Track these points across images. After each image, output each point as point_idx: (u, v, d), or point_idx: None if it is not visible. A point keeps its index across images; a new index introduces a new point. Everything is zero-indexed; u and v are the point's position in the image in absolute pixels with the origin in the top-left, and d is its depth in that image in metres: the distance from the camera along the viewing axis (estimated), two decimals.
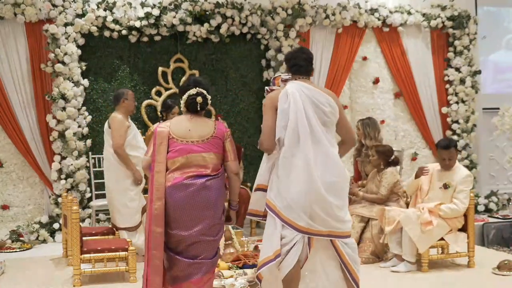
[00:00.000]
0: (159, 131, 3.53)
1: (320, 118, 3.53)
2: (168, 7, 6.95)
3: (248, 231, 6.75)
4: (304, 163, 3.46)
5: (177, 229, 3.41)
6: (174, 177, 3.44)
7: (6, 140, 6.72)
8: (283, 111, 3.51)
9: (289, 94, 3.52)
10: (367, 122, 6.15)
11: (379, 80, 7.89)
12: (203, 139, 3.51)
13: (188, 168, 3.45)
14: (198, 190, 3.41)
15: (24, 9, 6.50)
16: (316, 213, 3.47)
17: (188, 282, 3.43)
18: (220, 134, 3.55)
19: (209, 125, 3.57)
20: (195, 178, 3.43)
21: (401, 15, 7.85)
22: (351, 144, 3.83)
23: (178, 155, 3.47)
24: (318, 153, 3.49)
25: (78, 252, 4.75)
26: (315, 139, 3.49)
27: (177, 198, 3.40)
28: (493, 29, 8.64)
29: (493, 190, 8.25)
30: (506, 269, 4.95)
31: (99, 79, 6.99)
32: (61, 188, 6.57)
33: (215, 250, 3.53)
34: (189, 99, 3.57)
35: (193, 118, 3.57)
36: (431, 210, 5.01)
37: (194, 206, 3.40)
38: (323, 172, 3.49)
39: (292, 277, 3.49)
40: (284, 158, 3.51)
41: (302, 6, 7.29)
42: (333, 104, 3.57)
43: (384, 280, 4.82)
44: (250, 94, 7.46)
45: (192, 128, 3.53)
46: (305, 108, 3.49)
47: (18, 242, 6.41)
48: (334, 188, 3.51)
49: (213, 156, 3.50)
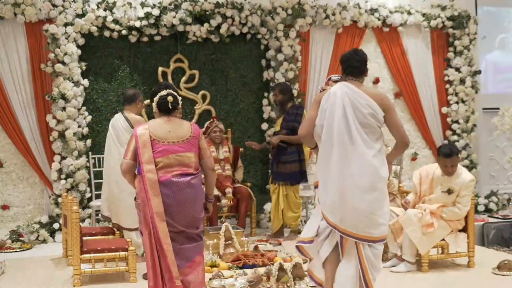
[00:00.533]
0: (140, 134, 3.69)
1: (359, 119, 3.60)
2: (168, 7, 6.95)
3: (248, 231, 6.75)
4: (338, 163, 3.58)
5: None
6: (160, 175, 3.63)
7: (6, 140, 6.72)
8: (322, 110, 3.69)
9: (331, 94, 3.67)
10: None
11: (379, 80, 7.90)
12: (183, 140, 3.73)
13: (172, 167, 3.66)
14: (184, 187, 3.64)
15: (24, 9, 6.50)
16: (347, 214, 3.57)
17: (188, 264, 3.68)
18: (196, 134, 3.80)
19: (186, 126, 3.80)
20: (181, 177, 3.65)
21: (401, 15, 7.85)
22: (402, 146, 3.78)
23: (161, 156, 3.66)
24: (353, 153, 3.57)
25: (78, 252, 4.76)
26: (351, 140, 3.58)
27: (164, 194, 3.61)
28: (493, 29, 8.63)
29: (493, 190, 8.25)
30: (506, 269, 4.95)
31: (99, 79, 6.99)
32: (61, 188, 6.58)
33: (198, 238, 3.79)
34: (161, 100, 3.79)
35: (170, 120, 3.78)
36: (433, 212, 5.01)
37: (179, 202, 3.63)
38: (356, 173, 3.56)
39: (329, 263, 3.70)
40: (321, 158, 3.69)
41: (302, 6, 7.29)
42: (375, 106, 3.62)
43: (384, 280, 4.81)
44: (250, 94, 7.45)
45: (171, 129, 3.74)
46: (344, 108, 3.60)
47: (18, 242, 6.41)
48: (366, 191, 3.56)
49: (193, 155, 3.74)
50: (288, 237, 6.49)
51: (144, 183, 3.62)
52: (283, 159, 6.39)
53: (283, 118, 6.45)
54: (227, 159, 6.70)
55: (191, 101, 7.26)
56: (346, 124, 3.58)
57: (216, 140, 6.73)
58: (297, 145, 6.38)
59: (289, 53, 7.22)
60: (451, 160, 5.02)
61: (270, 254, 5.34)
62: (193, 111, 7.25)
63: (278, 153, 6.42)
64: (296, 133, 6.38)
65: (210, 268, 4.94)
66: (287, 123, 6.40)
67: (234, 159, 6.85)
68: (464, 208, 5.04)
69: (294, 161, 6.38)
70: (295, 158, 6.38)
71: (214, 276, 4.70)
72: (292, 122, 6.35)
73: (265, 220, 7.22)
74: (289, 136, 6.35)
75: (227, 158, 6.71)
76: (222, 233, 5.33)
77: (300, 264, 4.52)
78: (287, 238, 6.46)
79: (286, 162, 6.39)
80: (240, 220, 6.53)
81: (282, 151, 6.39)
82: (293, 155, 6.37)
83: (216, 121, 6.81)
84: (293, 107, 6.49)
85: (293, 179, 6.41)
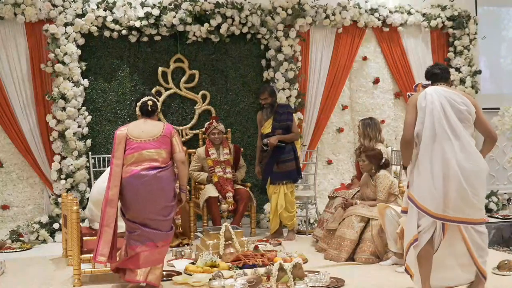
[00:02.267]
0: (118, 134, 4.43)
1: (457, 114, 3.93)
2: (168, 7, 6.95)
3: (248, 231, 6.75)
4: (442, 153, 3.87)
5: (136, 211, 4.33)
6: (131, 169, 4.32)
7: (6, 140, 6.72)
8: (421, 109, 3.97)
9: (427, 94, 3.99)
10: (367, 122, 6.16)
11: (379, 80, 7.90)
12: (153, 138, 4.39)
13: (142, 162, 4.33)
14: (151, 180, 4.29)
15: (24, 9, 6.50)
16: (453, 200, 3.84)
17: (144, 245, 4.33)
18: (168, 133, 4.43)
19: (159, 126, 4.47)
20: (149, 170, 4.31)
21: (401, 15, 7.85)
22: (490, 142, 4.11)
23: (134, 152, 4.35)
24: (457, 144, 3.88)
25: (78, 252, 4.76)
26: (454, 133, 3.89)
27: (135, 185, 4.29)
28: (493, 29, 8.63)
29: (493, 190, 8.24)
30: (506, 269, 4.94)
31: (99, 79, 6.99)
32: (61, 188, 6.58)
33: (169, 226, 4.44)
34: (142, 104, 4.54)
35: (146, 121, 4.50)
36: None
37: (148, 192, 4.29)
38: (462, 160, 3.85)
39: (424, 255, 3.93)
40: (423, 152, 3.93)
41: (302, 6, 7.29)
42: (469, 104, 3.97)
43: (384, 280, 4.82)
44: (250, 94, 7.45)
45: (145, 129, 4.43)
46: (442, 106, 3.93)
47: (18, 242, 6.41)
48: (472, 176, 3.85)
49: (162, 151, 4.38)
50: (287, 237, 6.50)
51: (110, 174, 4.35)
52: (282, 159, 6.40)
53: (274, 119, 6.46)
54: (227, 161, 6.68)
55: (191, 101, 7.26)
56: (446, 119, 3.90)
57: (215, 142, 6.71)
58: (291, 143, 6.46)
59: (289, 53, 7.22)
60: None
61: (270, 254, 5.34)
62: (193, 111, 7.25)
63: (276, 154, 6.40)
64: (289, 132, 6.45)
65: (210, 268, 4.94)
66: (280, 123, 6.43)
67: (235, 159, 6.84)
68: None
69: (291, 159, 6.42)
70: (292, 156, 6.43)
71: (214, 276, 4.70)
72: (285, 121, 6.43)
73: (265, 220, 7.22)
74: (285, 136, 6.39)
75: (227, 160, 6.68)
76: (222, 233, 5.33)
77: (300, 264, 4.52)
78: (287, 238, 6.47)
79: (285, 161, 6.40)
80: (236, 219, 6.50)
81: (281, 150, 6.39)
82: (290, 153, 6.42)
83: (215, 122, 6.76)
84: (280, 107, 6.54)
85: (293, 177, 6.47)
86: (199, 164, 6.77)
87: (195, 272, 4.87)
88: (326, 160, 7.75)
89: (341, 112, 7.82)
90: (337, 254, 5.46)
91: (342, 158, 7.82)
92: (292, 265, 4.45)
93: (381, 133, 6.20)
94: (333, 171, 7.79)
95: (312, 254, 5.73)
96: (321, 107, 7.59)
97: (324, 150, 7.74)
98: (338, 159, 7.82)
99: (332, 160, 7.77)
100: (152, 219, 4.32)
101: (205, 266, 4.97)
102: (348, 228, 5.49)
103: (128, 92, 7.06)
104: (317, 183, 7.25)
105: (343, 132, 7.80)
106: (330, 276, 4.70)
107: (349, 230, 5.47)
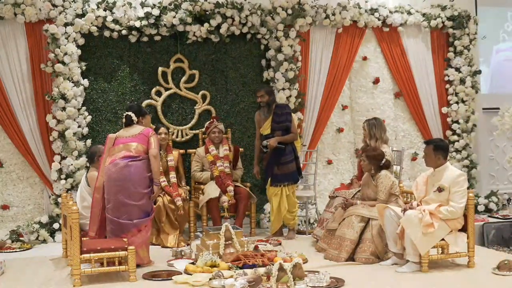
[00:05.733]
0: (110, 136, 5.46)
1: None
2: (168, 7, 6.94)
3: (248, 231, 6.75)
4: None
5: (111, 193, 5.20)
6: (112, 159, 5.26)
7: (6, 140, 6.72)
8: None
9: None
10: (373, 123, 6.16)
11: (379, 80, 7.89)
12: (132, 135, 5.36)
13: (120, 152, 5.27)
14: (123, 167, 5.20)
15: (24, 9, 6.50)
16: None
17: (124, 235, 5.09)
18: (146, 133, 5.36)
19: (139, 128, 5.41)
20: (123, 159, 5.23)
21: (401, 15, 7.85)
22: None
23: (118, 145, 5.33)
24: None
25: (78, 252, 4.76)
26: None
27: (111, 171, 5.22)
28: (493, 29, 8.63)
29: (493, 190, 8.25)
30: (506, 269, 4.94)
31: (99, 79, 6.99)
32: (61, 188, 6.58)
33: (141, 213, 5.26)
34: (124, 118, 5.50)
35: (130, 126, 5.44)
36: (432, 213, 5.00)
37: (119, 178, 5.18)
38: None
39: None
40: None
41: (302, 6, 7.29)
42: None
43: (384, 280, 4.82)
44: (250, 94, 7.44)
45: (127, 131, 5.43)
46: None
47: (18, 242, 6.41)
48: None
49: (138, 145, 5.29)
50: (288, 236, 6.51)
51: (99, 168, 5.40)
52: (283, 160, 6.39)
53: (272, 120, 6.45)
54: (226, 156, 6.72)
55: (191, 101, 7.26)
56: None
57: (215, 141, 6.75)
58: (291, 144, 6.46)
59: (289, 53, 7.22)
60: (426, 149, 5.29)
61: (270, 254, 5.34)
62: (193, 111, 7.25)
63: (276, 155, 6.39)
64: (288, 132, 6.45)
65: (210, 268, 4.94)
66: (279, 124, 6.42)
67: (234, 158, 6.85)
68: (458, 205, 5.01)
69: (291, 160, 6.42)
70: (292, 157, 6.43)
71: (214, 276, 4.70)
72: (284, 122, 6.42)
73: (265, 220, 7.22)
74: (285, 137, 6.38)
75: (226, 156, 6.72)
76: (222, 233, 5.33)
77: (300, 264, 4.52)
78: (287, 237, 6.47)
79: (286, 162, 6.40)
80: (238, 219, 6.52)
81: (281, 152, 6.38)
82: (290, 154, 6.42)
83: (216, 122, 6.81)
84: (277, 107, 6.52)
85: (294, 178, 6.48)
86: (200, 164, 6.79)
87: (195, 272, 4.87)
88: (326, 160, 7.76)
89: (341, 112, 7.82)
90: (337, 254, 5.46)
91: (342, 158, 7.83)
92: (292, 265, 4.45)
93: (385, 133, 6.20)
94: (333, 171, 7.79)
95: (312, 254, 5.73)
96: (321, 107, 7.59)
97: (324, 150, 7.74)
98: (338, 159, 7.82)
99: (332, 160, 7.78)
100: (123, 202, 5.15)
101: (205, 266, 4.97)
102: (348, 228, 5.49)
103: (128, 92, 7.06)
104: (317, 183, 7.25)
105: (343, 132, 7.80)
106: (330, 276, 4.70)
107: (349, 230, 5.48)
